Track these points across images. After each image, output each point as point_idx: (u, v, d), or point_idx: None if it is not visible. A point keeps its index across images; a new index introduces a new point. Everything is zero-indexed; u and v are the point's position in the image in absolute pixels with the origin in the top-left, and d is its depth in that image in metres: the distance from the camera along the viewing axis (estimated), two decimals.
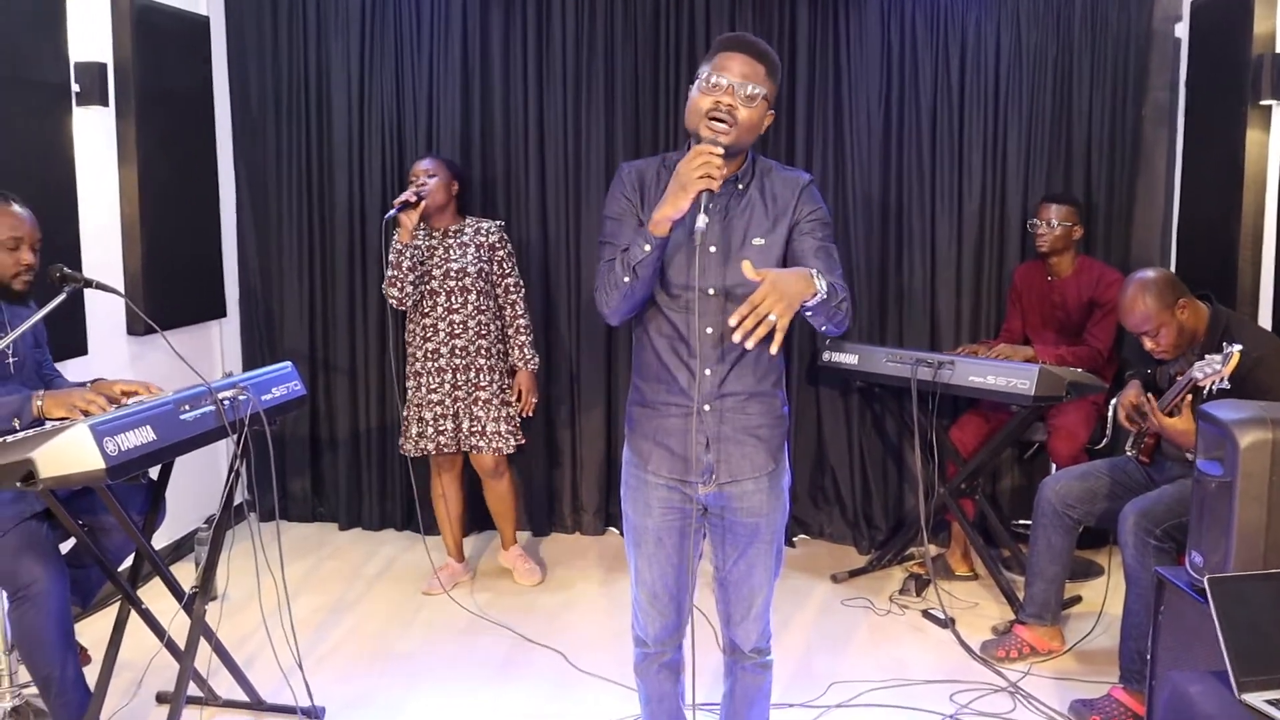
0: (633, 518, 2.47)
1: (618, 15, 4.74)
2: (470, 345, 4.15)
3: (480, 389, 4.18)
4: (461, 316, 4.14)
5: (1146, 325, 3.31)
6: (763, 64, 2.25)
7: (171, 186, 4.42)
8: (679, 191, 2.13)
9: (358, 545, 4.89)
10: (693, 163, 2.11)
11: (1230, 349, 2.96)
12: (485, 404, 4.18)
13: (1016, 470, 4.88)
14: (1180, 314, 3.28)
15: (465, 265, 4.12)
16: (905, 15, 4.69)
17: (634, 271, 2.21)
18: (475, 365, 4.16)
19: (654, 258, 2.20)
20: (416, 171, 4.12)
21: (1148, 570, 3.06)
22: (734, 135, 2.21)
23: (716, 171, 2.11)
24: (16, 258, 2.92)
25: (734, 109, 2.21)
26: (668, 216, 2.15)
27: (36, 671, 2.81)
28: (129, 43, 4.11)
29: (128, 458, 2.47)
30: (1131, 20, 4.61)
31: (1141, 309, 3.30)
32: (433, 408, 4.18)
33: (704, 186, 2.11)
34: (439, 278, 4.12)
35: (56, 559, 2.85)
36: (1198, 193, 4.39)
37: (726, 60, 2.23)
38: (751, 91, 2.22)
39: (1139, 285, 3.32)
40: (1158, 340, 3.31)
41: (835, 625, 4.01)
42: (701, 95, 2.24)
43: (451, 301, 4.13)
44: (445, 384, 4.17)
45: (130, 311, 4.16)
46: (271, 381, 3.10)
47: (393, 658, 3.73)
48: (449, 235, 4.16)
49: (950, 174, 4.74)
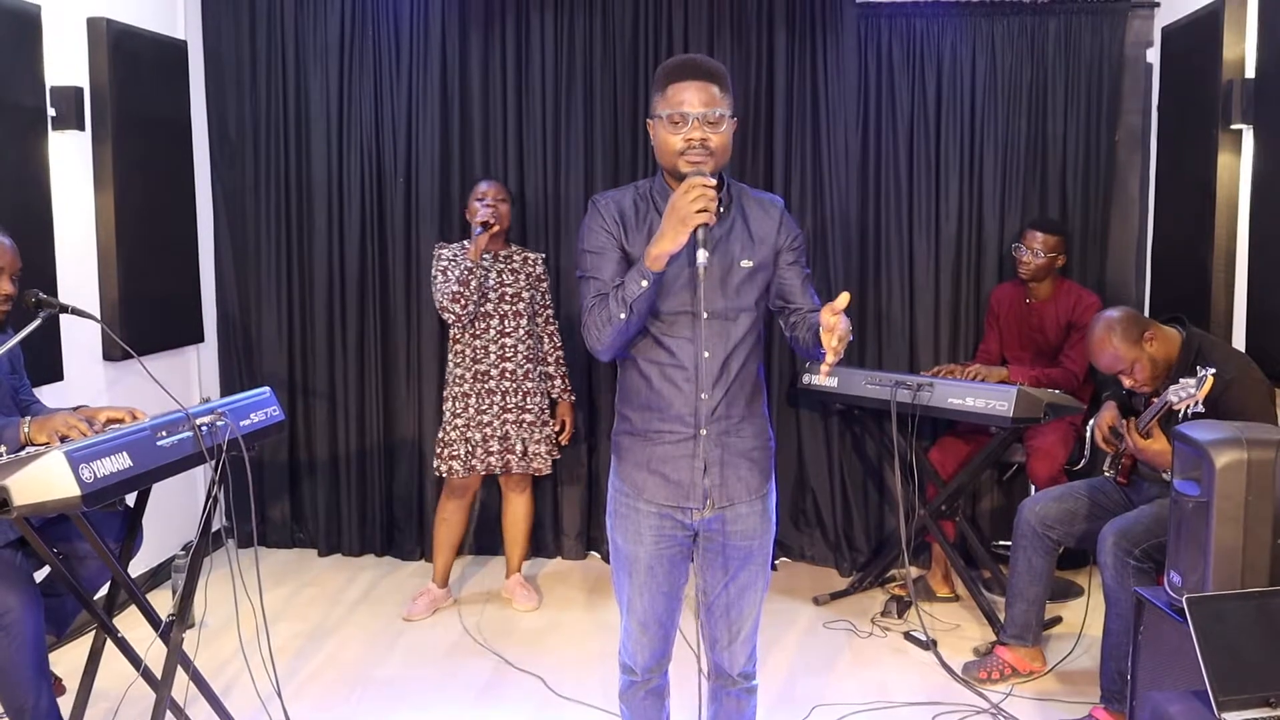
0: (624, 547, 2.44)
1: (596, 44, 4.77)
2: (519, 369, 4.20)
3: (526, 411, 4.23)
4: (514, 340, 4.19)
5: (1119, 366, 3.35)
6: (715, 83, 2.24)
7: (148, 211, 4.40)
8: (677, 226, 2.12)
9: (337, 571, 4.85)
10: (688, 196, 2.11)
11: (1204, 373, 2.98)
12: (530, 425, 4.23)
13: (996, 491, 4.90)
14: (1149, 347, 3.31)
15: (519, 290, 4.20)
16: (882, 40, 4.74)
17: (630, 309, 2.20)
18: (523, 389, 4.22)
19: (650, 293, 2.21)
20: (485, 192, 4.16)
21: (1127, 590, 3.08)
22: (714, 163, 2.23)
23: (712, 205, 2.12)
24: None
25: (706, 140, 2.22)
26: (666, 252, 2.15)
27: (10, 702, 2.77)
28: (106, 67, 4.09)
29: (104, 485, 2.44)
30: (1104, 45, 4.68)
31: (1110, 351, 3.34)
32: (482, 428, 4.19)
33: (702, 220, 2.11)
34: (494, 300, 4.17)
35: (31, 587, 2.81)
36: (1171, 216, 4.44)
37: (680, 92, 2.23)
38: (717, 115, 2.23)
39: (1104, 328, 3.35)
40: (1134, 377, 3.35)
41: (818, 648, 4.00)
42: (667, 135, 2.24)
43: (505, 325, 4.18)
44: (495, 405, 4.20)
45: (106, 337, 4.13)
46: (250, 407, 3.08)
47: (372, 684, 3.69)
48: (499, 259, 4.21)
49: (928, 197, 4.79)
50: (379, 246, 4.90)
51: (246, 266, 4.98)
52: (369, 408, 4.97)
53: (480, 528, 4.93)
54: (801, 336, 2.34)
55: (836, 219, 4.75)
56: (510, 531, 4.45)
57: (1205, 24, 4.05)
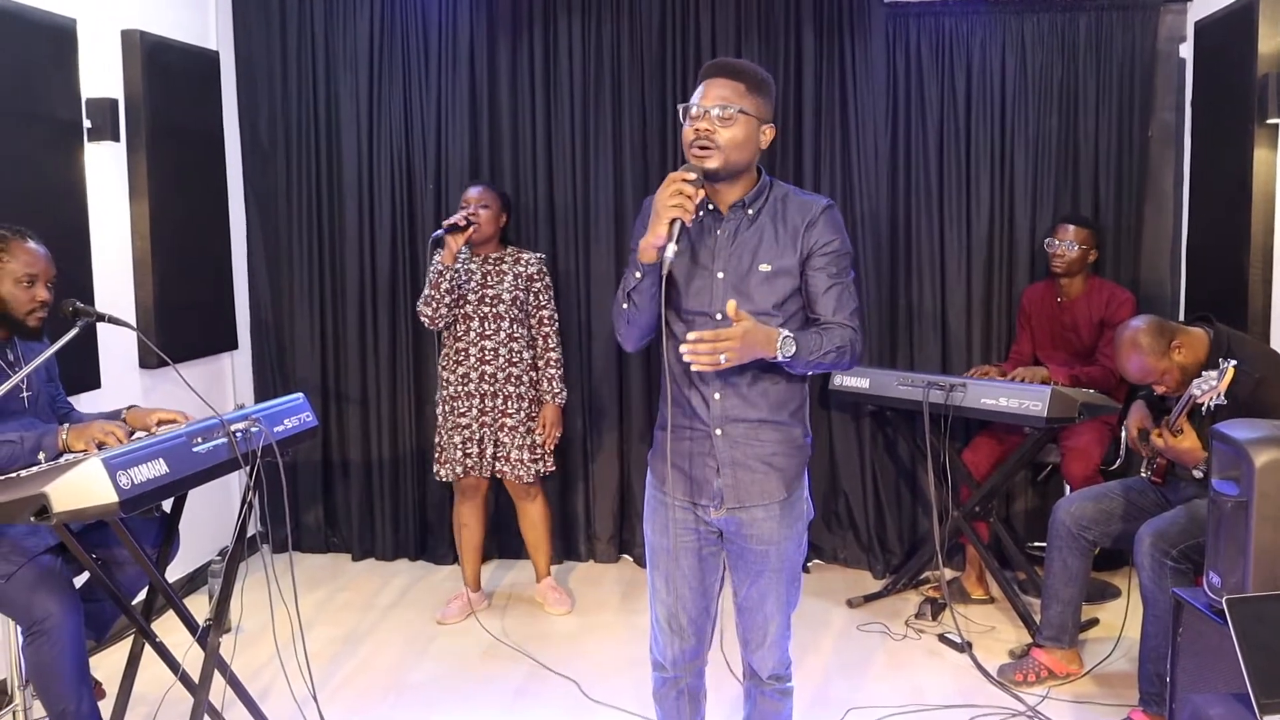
0: (651, 538, 2.49)
1: (624, 48, 4.77)
2: (500, 373, 4.17)
3: (507, 415, 4.19)
4: (494, 344, 4.16)
5: (1148, 378, 3.34)
6: (740, 81, 2.28)
7: (183, 220, 4.45)
8: (655, 219, 2.17)
9: (371, 575, 4.88)
10: (665, 192, 2.16)
11: (1225, 364, 2.98)
12: (511, 430, 4.19)
13: (1031, 492, 4.86)
14: (1177, 355, 3.28)
15: (500, 293, 4.15)
16: (910, 39, 4.72)
17: (630, 299, 2.27)
18: (504, 392, 4.18)
19: (646, 284, 2.24)
20: (469, 199, 4.15)
21: (1165, 592, 3.04)
22: (720, 158, 2.24)
23: (688, 201, 2.15)
24: (32, 294, 2.92)
25: (711, 133, 2.24)
26: (649, 244, 2.20)
27: (52, 706, 2.81)
28: (140, 79, 4.15)
29: (141, 491, 2.47)
30: (1136, 41, 4.63)
31: (1137, 364, 3.32)
32: (461, 431, 4.20)
33: (675, 215, 2.15)
34: (474, 303, 4.15)
35: (71, 593, 2.85)
36: (1206, 212, 4.39)
37: (704, 89, 2.29)
38: (727, 112, 2.24)
39: (1128, 343, 3.34)
40: (1164, 384, 3.32)
41: (852, 651, 3.99)
42: (686, 129, 2.29)
43: (484, 328, 4.16)
44: (473, 409, 4.19)
45: (143, 345, 4.18)
46: (284, 413, 3.10)
47: (407, 689, 3.71)
48: (488, 262, 4.20)
49: (958, 196, 4.76)
50: (409, 252, 4.93)
51: (279, 273, 5.03)
52: (401, 412, 4.99)
53: (502, 531, 4.93)
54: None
55: (866, 219, 4.73)
56: (528, 537, 4.44)
57: (1239, 17, 4.00)
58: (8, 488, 2.45)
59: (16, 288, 2.90)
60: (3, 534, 2.83)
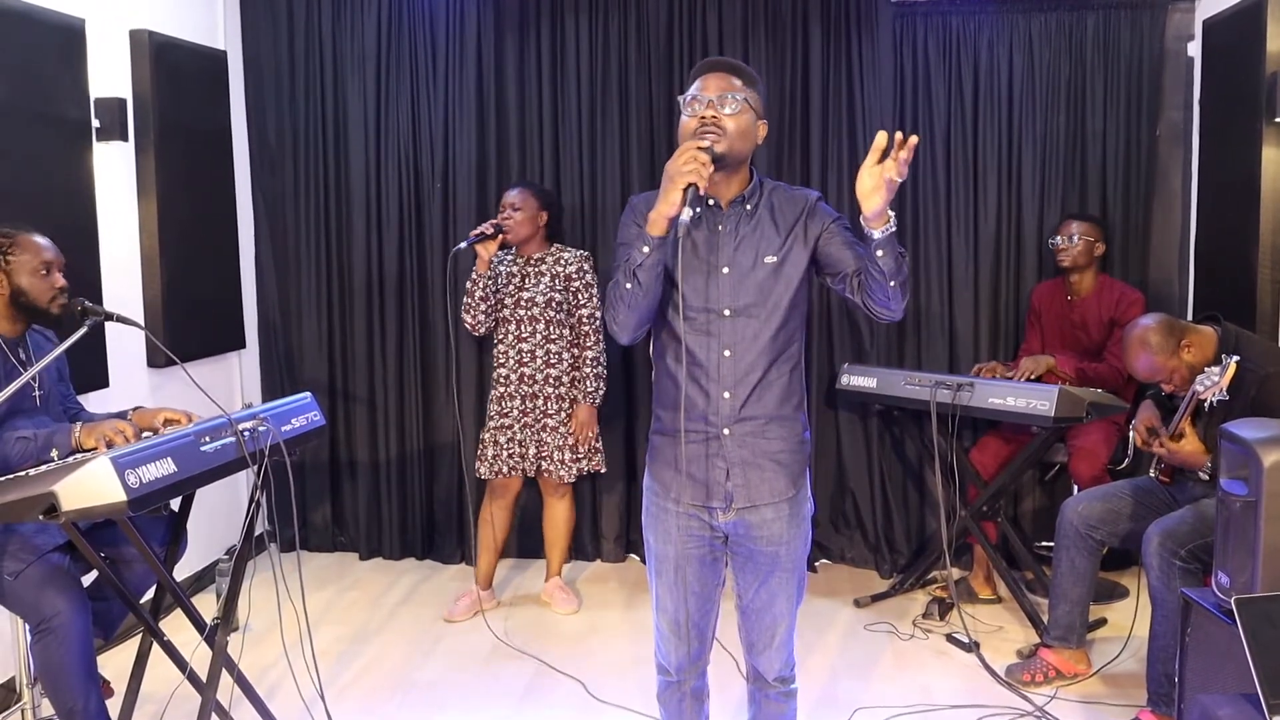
0: (654, 545, 2.46)
1: (630, 46, 4.77)
2: (538, 374, 4.18)
3: (548, 416, 4.21)
4: (530, 345, 4.18)
5: (1158, 376, 3.36)
6: (738, 76, 2.31)
7: (191, 220, 4.46)
8: (668, 186, 2.15)
9: (378, 575, 4.89)
10: (680, 158, 2.15)
11: (1228, 360, 2.98)
12: (553, 431, 4.21)
13: (1038, 492, 4.84)
14: (1186, 354, 3.29)
15: (535, 296, 4.15)
16: (918, 38, 4.71)
17: (634, 277, 2.22)
18: (544, 394, 4.20)
19: (653, 260, 2.21)
20: (503, 204, 4.17)
21: (1173, 592, 3.04)
22: (727, 142, 2.24)
23: (703, 169, 2.14)
24: (50, 282, 2.97)
25: (718, 119, 2.25)
26: (662, 214, 2.17)
27: (60, 704, 2.82)
28: (148, 78, 4.16)
29: (149, 490, 2.48)
30: (1144, 40, 4.62)
31: (1146, 362, 3.33)
32: (505, 431, 4.23)
33: (690, 180, 2.14)
34: (510, 306, 4.18)
35: (79, 591, 2.86)
36: (1214, 212, 4.37)
37: (702, 83, 2.30)
38: (732, 101, 2.26)
39: (1138, 341, 3.34)
40: (1172, 383, 3.33)
41: (858, 651, 3.98)
42: (685, 120, 2.29)
43: (521, 330, 4.18)
44: (514, 410, 4.21)
45: (150, 344, 4.19)
46: (291, 412, 3.11)
47: (414, 687, 3.72)
48: (530, 263, 4.21)
49: (966, 195, 4.75)
50: (417, 251, 4.93)
51: (287, 273, 5.03)
52: (409, 412, 5.00)
53: (522, 531, 4.94)
54: (869, 283, 2.27)
55: None
56: (548, 535, 4.46)
57: (1248, 16, 3.99)
58: (16, 486, 2.46)
59: (35, 278, 2.95)
60: (12, 532, 2.85)
